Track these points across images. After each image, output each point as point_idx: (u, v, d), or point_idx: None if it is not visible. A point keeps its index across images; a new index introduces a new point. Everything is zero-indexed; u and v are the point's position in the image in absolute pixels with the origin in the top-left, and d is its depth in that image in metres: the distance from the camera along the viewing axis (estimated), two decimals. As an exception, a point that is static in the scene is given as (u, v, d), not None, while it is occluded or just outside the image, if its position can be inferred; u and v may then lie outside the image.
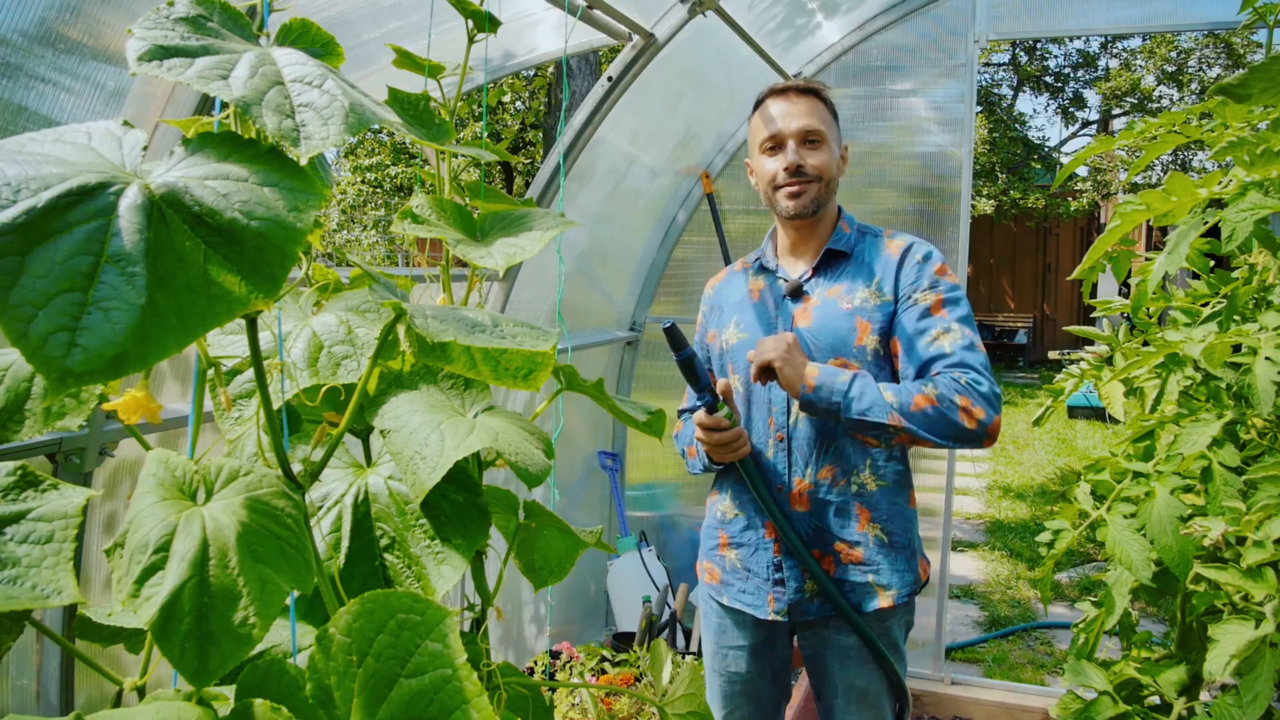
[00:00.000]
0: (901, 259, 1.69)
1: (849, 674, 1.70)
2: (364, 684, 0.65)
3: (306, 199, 0.63)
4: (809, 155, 1.69)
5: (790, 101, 1.72)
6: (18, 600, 0.54)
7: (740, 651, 1.79)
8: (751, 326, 1.77)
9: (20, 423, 0.82)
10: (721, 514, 1.81)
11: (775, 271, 1.79)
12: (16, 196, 0.55)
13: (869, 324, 1.66)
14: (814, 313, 1.70)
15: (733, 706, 1.83)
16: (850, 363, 1.66)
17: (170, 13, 0.71)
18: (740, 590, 1.76)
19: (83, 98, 1.19)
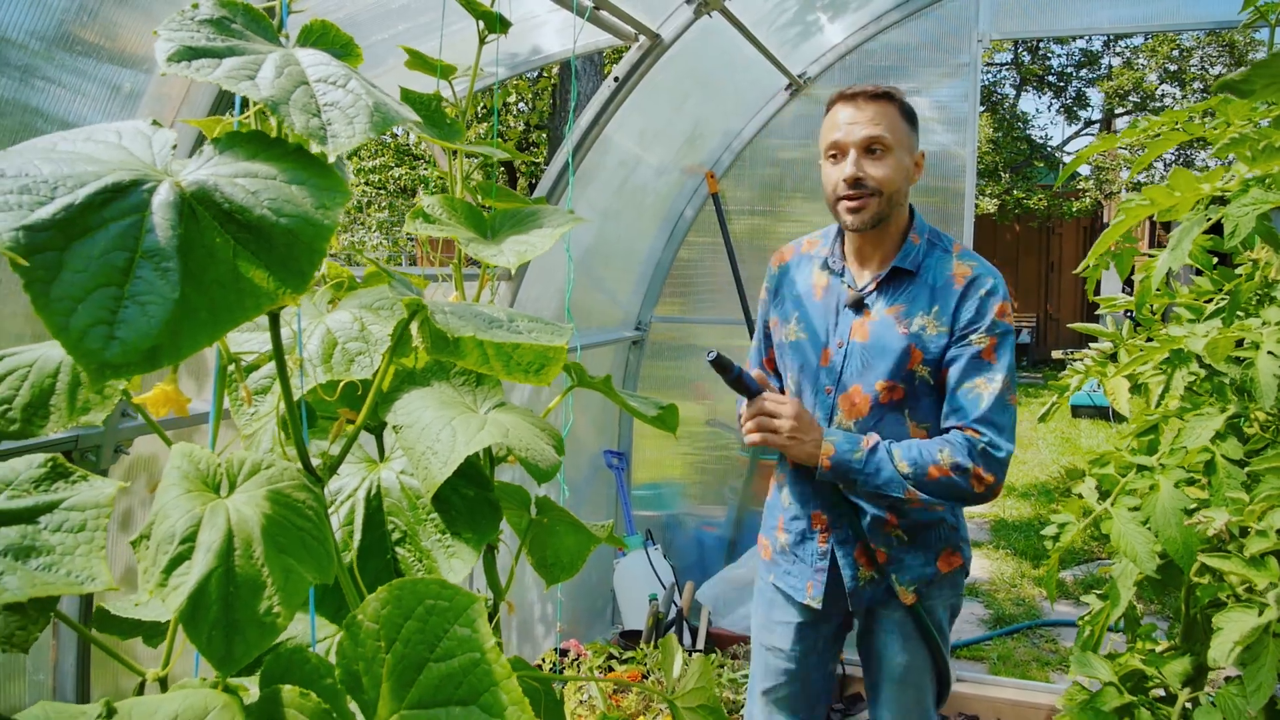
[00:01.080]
0: (965, 289, 1.67)
1: (893, 653, 1.77)
2: (392, 668, 0.66)
3: (333, 196, 0.65)
4: (871, 166, 1.65)
5: (857, 108, 1.66)
6: (53, 586, 0.55)
7: (786, 628, 1.83)
8: (810, 329, 1.77)
9: (45, 418, 0.83)
10: (781, 499, 1.86)
11: (841, 275, 1.77)
12: (54, 194, 0.57)
13: (921, 353, 1.66)
14: (871, 329, 1.70)
15: (775, 683, 1.86)
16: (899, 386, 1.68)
17: (195, 15, 0.72)
18: (785, 572, 1.83)
19: (99, 99, 1.21)
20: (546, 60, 2.42)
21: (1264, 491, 0.91)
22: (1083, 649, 1.26)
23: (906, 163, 1.69)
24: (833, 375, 1.73)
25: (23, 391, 0.82)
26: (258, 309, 0.64)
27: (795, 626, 1.83)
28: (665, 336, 3.60)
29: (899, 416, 1.70)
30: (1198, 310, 1.38)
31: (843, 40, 3.15)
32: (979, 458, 1.60)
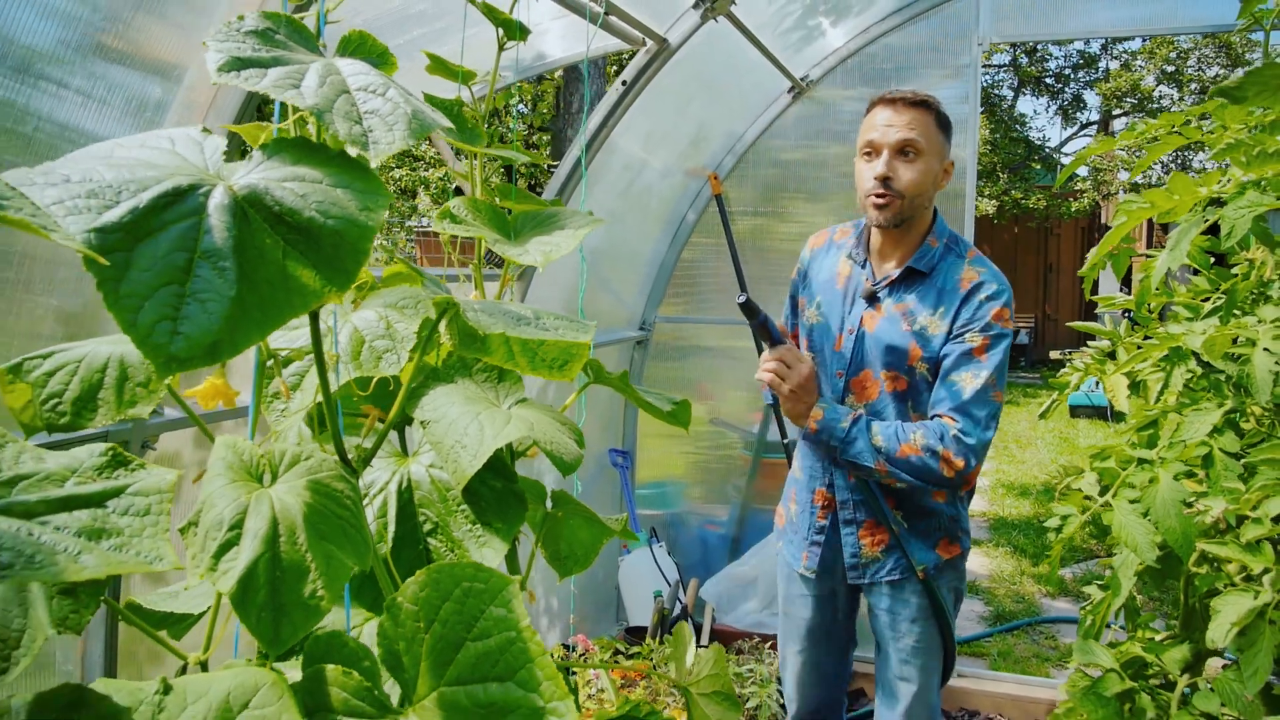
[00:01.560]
0: (969, 294, 1.76)
1: (897, 631, 1.89)
2: (431, 648, 0.70)
3: (376, 199, 0.69)
4: (902, 168, 1.75)
5: (896, 111, 1.75)
6: (125, 565, 0.59)
7: (804, 599, 1.99)
8: (829, 312, 1.89)
9: (94, 411, 0.87)
10: (794, 473, 2.01)
11: (863, 265, 1.88)
12: (119, 198, 0.60)
13: (921, 350, 1.77)
14: (879, 323, 1.82)
15: (800, 646, 2.03)
16: (902, 377, 1.80)
17: (241, 26, 0.76)
18: (788, 541, 2.00)
19: (128, 106, 1.24)
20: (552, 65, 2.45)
21: (1259, 482, 0.95)
22: (1084, 638, 1.30)
23: (935, 168, 1.79)
24: (843, 360, 1.85)
25: (72, 386, 0.86)
26: (305, 306, 0.68)
27: (813, 598, 1.97)
28: (668, 336, 3.64)
29: (904, 406, 1.81)
30: (1195, 309, 1.42)
31: (844, 44, 3.19)
32: (950, 442, 1.70)
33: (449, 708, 0.68)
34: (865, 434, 1.74)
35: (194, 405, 0.98)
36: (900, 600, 1.88)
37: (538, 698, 0.65)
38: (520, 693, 0.66)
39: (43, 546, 0.56)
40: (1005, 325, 1.76)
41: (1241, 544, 0.92)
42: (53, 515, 0.60)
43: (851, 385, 1.85)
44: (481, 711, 0.67)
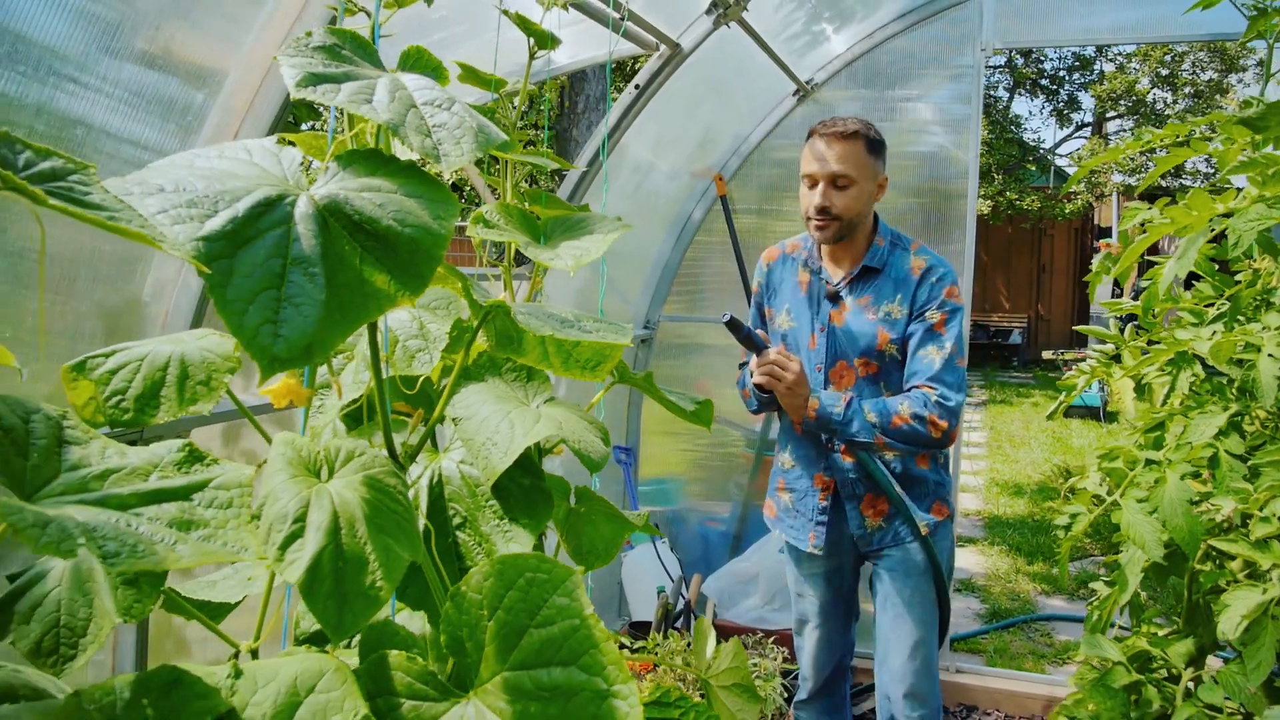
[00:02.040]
0: (921, 278, 2.03)
1: (899, 588, 2.09)
2: (495, 634, 0.74)
3: (447, 208, 0.72)
4: (836, 197, 1.99)
5: (829, 145, 1.98)
6: (215, 554, 0.62)
7: (815, 579, 2.21)
8: (799, 316, 2.14)
9: (156, 408, 0.91)
10: (781, 464, 2.23)
11: (819, 273, 2.12)
12: (216, 207, 0.64)
13: (889, 334, 2.03)
14: (846, 317, 2.07)
15: (816, 623, 2.23)
16: (873, 362, 2.06)
17: (310, 42, 0.79)
18: (789, 526, 2.20)
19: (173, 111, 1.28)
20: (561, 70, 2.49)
21: (1266, 482, 0.99)
22: (1091, 632, 1.35)
23: (869, 189, 2.03)
24: (820, 355, 2.09)
25: (135, 383, 0.90)
26: (379, 310, 0.71)
27: (821, 576, 2.19)
28: (671, 335, 3.68)
29: (876, 389, 2.05)
30: (1199, 315, 1.46)
31: (848, 48, 3.23)
32: (933, 408, 1.94)
33: (513, 691, 0.72)
34: (860, 414, 1.97)
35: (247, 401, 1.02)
36: (903, 562, 2.09)
37: (601, 681, 0.69)
38: (584, 677, 0.70)
39: (142, 537, 0.59)
40: (957, 300, 2.03)
41: (1250, 541, 0.97)
42: (145, 508, 0.63)
43: (830, 376, 2.09)
44: (545, 694, 0.71)
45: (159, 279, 1.32)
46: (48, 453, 0.63)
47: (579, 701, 0.69)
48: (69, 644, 0.84)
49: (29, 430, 0.63)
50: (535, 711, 0.71)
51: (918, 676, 2.09)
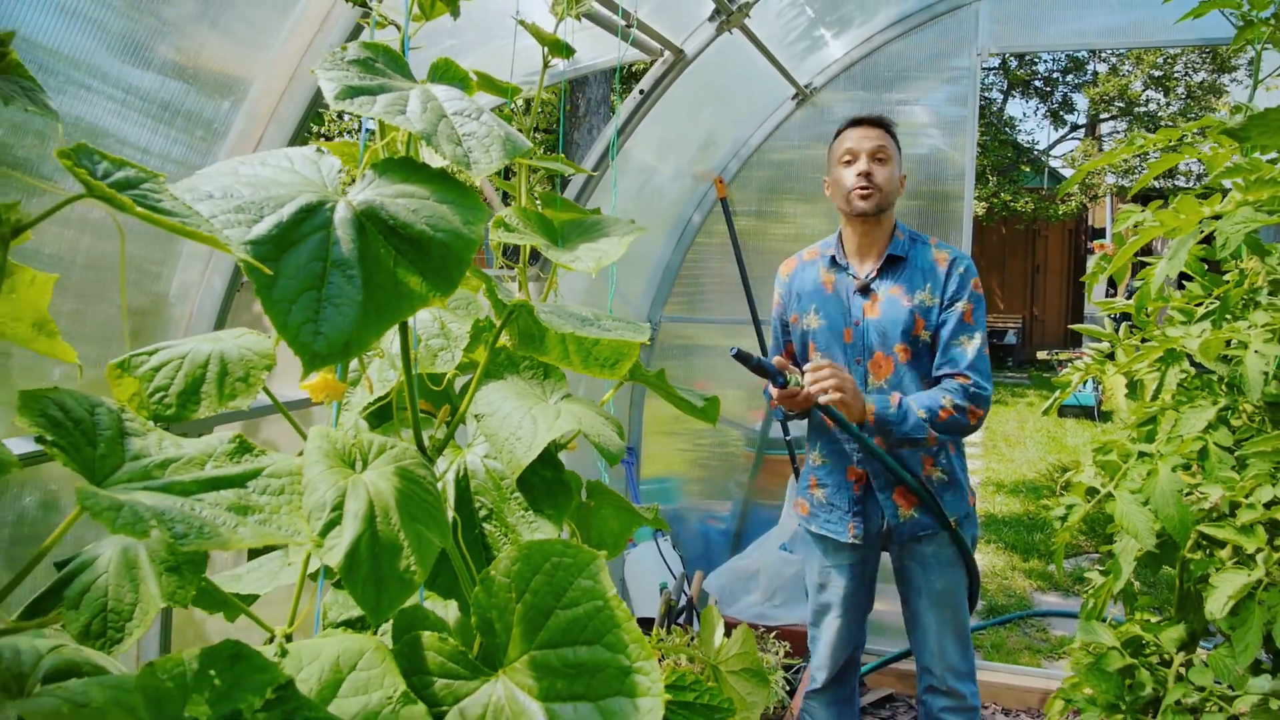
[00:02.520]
0: (949, 270, 2.15)
1: (930, 578, 2.20)
2: (522, 616, 0.78)
3: (477, 214, 0.77)
4: (878, 168, 2.15)
5: (866, 128, 2.18)
6: (272, 536, 0.67)
7: (840, 569, 2.29)
8: (829, 315, 2.22)
9: (197, 403, 0.95)
10: (813, 461, 2.31)
11: (846, 268, 2.21)
12: (262, 213, 0.68)
13: (924, 320, 2.13)
14: (880, 307, 2.16)
15: (837, 614, 2.32)
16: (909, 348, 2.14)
17: (345, 56, 0.83)
18: (825, 520, 2.27)
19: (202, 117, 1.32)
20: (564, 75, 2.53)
21: (1251, 472, 1.04)
22: (1087, 619, 1.39)
23: (897, 174, 2.19)
24: (857, 348, 2.17)
25: (177, 380, 0.94)
26: (411, 310, 0.76)
27: (846, 568, 2.28)
28: (672, 336, 3.72)
29: (915, 375, 2.15)
30: (1189, 313, 1.51)
31: (845, 53, 3.28)
32: (971, 397, 2.07)
33: (540, 668, 0.76)
34: (911, 410, 2.05)
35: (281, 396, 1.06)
36: (935, 553, 2.19)
37: (624, 658, 0.73)
38: (608, 654, 0.74)
39: (206, 521, 0.64)
40: (980, 290, 2.18)
41: (1237, 527, 1.01)
42: (205, 494, 0.68)
43: (869, 368, 2.17)
44: (571, 671, 0.75)
45: (184, 282, 1.37)
46: (113, 443, 0.68)
47: (603, 678, 0.74)
48: (115, 628, 0.88)
49: (95, 422, 0.68)
50: (561, 688, 0.75)
51: (957, 653, 2.22)
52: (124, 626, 0.88)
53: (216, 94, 1.28)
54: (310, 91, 1.34)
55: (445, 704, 0.81)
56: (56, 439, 0.63)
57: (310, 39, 1.31)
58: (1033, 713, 3.16)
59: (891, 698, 3.27)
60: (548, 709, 0.75)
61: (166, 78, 1.23)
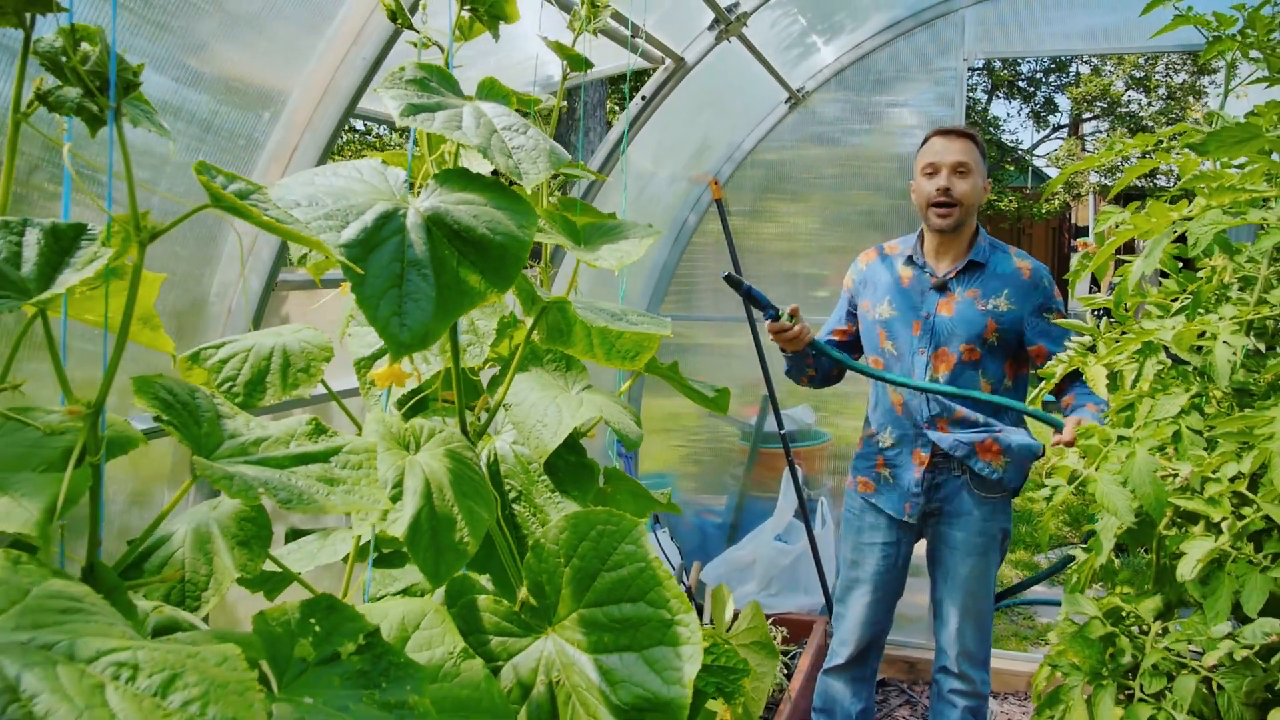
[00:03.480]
0: (1033, 279, 2.26)
1: (958, 564, 2.30)
2: (570, 579, 0.87)
3: (529, 219, 0.86)
4: (957, 182, 2.23)
5: (949, 140, 2.25)
6: (358, 504, 0.75)
7: (874, 548, 2.40)
8: (902, 307, 2.33)
9: (263, 392, 1.04)
10: (880, 442, 2.40)
11: (923, 267, 2.32)
12: (347, 219, 0.77)
13: (995, 324, 2.23)
14: (955, 306, 2.27)
15: (863, 591, 2.42)
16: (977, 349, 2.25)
17: (403, 76, 0.92)
18: (886, 498, 2.38)
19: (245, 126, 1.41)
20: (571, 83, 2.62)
21: (1219, 450, 1.14)
22: (1071, 592, 1.50)
23: (980, 184, 2.28)
24: (924, 340, 2.28)
25: (244, 371, 1.03)
26: (472, 305, 0.85)
27: (880, 546, 2.39)
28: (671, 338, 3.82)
29: (975, 374, 2.25)
30: (1166, 308, 1.62)
31: (837, 59, 3.39)
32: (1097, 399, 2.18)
33: (588, 624, 0.85)
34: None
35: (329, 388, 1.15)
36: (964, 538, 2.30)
37: (666, 612, 0.82)
38: (650, 609, 0.83)
39: (303, 489, 0.72)
40: (1060, 297, 2.30)
41: (1205, 498, 1.12)
42: (296, 468, 0.76)
43: (932, 360, 2.28)
44: (617, 626, 0.84)
45: (223, 282, 1.45)
46: (212, 423, 0.76)
47: (647, 629, 0.83)
48: (193, 596, 0.97)
49: (196, 405, 0.76)
50: (608, 641, 0.84)
51: (974, 639, 2.33)
52: (200, 595, 0.97)
53: (258, 106, 1.37)
54: (343, 103, 1.42)
55: (500, 659, 0.90)
56: (170, 418, 0.72)
57: (344, 53, 1.40)
58: (1020, 695, 3.27)
59: (884, 683, 3.38)
60: (596, 660, 0.84)
61: (214, 93, 1.31)
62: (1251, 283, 1.39)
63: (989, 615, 2.37)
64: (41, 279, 0.63)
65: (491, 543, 1.12)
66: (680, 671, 0.80)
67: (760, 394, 3.61)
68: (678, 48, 2.39)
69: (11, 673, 0.43)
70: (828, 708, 2.53)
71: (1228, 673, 1.26)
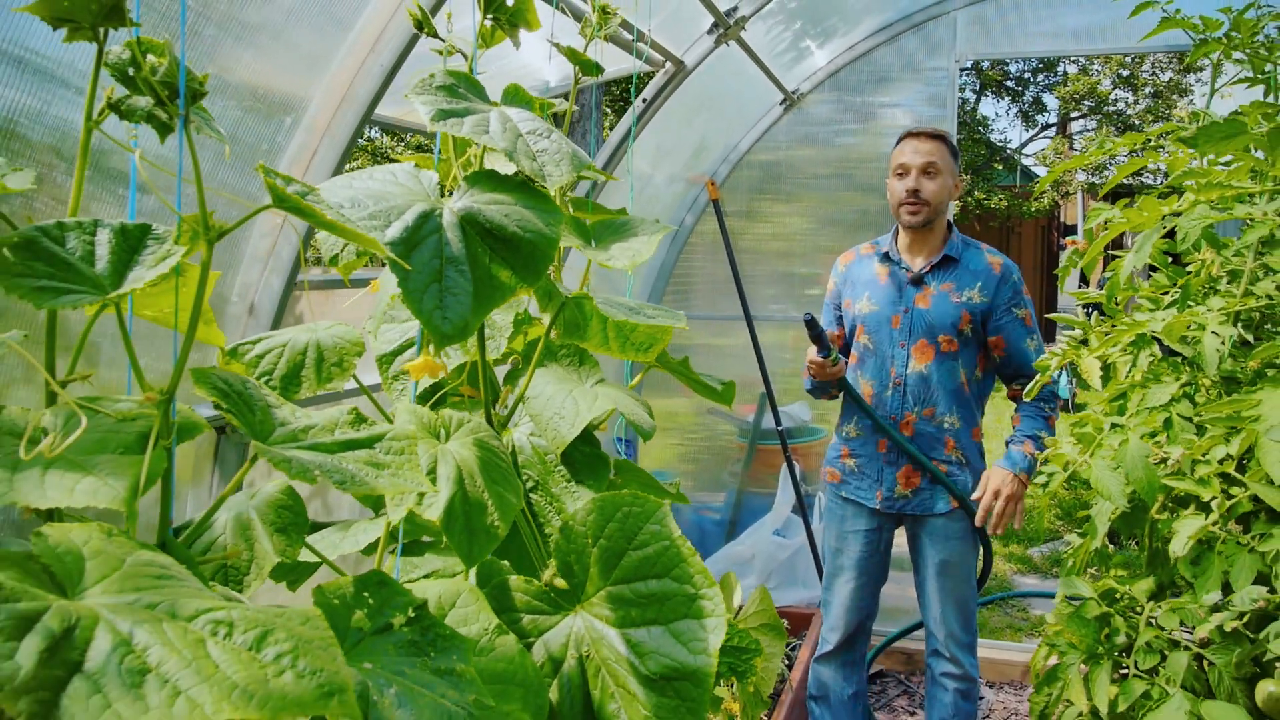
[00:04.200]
0: (1003, 275, 2.36)
1: (939, 550, 2.39)
2: (598, 558, 0.92)
3: (556, 217, 0.91)
4: (926, 183, 2.32)
5: (920, 141, 2.34)
6: (404, 487, 0.80)
7: (856, 535, 2.48)
8: (880, 301, 2.42)
9: (298, 386, 1.08)
10: (847, 434, 2.50)
11: (899, 263, 2.41)
12: (389, 219, 0.82)
13: (970, 315, 2.34)
14: (931, 299, 2.37)
15: (850, 576, 2.50)
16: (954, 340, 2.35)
17: (432, 83, 0.97)
18: (855, 487, 2.48)
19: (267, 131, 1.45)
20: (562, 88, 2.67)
21: (1208, 434, 1.20)
22: (1068, 574, 1.55)
23: (950, 184, 2.37)
24: (903, 333, 2.38)
25: (280, 365, 1.07)
26: (503, 298, 0.90)
27: (863, 533, 2.47)
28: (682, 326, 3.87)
29: (953, 365, 2.36)
30: (1156, 301, 1.68)
31: (830, 61, 3.44)
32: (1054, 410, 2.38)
33: (615, 600, 0.90)
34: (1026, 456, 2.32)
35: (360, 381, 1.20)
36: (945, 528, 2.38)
37: (690, 587, 0.87)
38: (675, 585, 0.88)
39: (353, 473, 0.77)
40: (1029, 295, 2.41)
41: (1195, 479, 1.17)
42: (345, 453, 0.81)
43: (912, 352, 2.37)
44: (644, 601, 0.89)
45: (244, 282, 1.49)
46: (264, 411, 0.81)
47: (672, 604, 0.88)
48: (235, 581, 1.01)
49: (249, 394, 0.81)
50: (635, 615, 0.89)
51: (958, 623, 2.42)
52: (242, 580, 1.01)
53: (280, 112, 1.41)
54: (361, 109, 1.47)
55: (531, 636, 0.94)
56: (229, 406, 0.76)
57: (362, 60, 1.44)
58: (1016, 684, 3.33)
59: (882, 673, 3.43)
60: (624, 634, 0.88)
61: (239, 100, 1.36)
62: (1238, 275, 1.45)
63: (972, 599, 2.45)
64: (114, 275, 0.67)
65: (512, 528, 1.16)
66: (705, 642, 0.85)
67: (758, 392, 3.66)
68: (678, 51, 2.44)
69: (124, 629, 0.48)
70: (821, 694, 2.60)
71: (1218, 648, 1.31)
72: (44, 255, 0.65)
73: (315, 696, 0.47)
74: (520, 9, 1.09)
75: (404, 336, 1.28)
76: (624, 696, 0.87)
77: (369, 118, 1.51)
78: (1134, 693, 1.34)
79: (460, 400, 1.31)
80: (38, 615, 0.46)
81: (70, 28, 0.64)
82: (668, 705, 0.84)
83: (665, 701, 0.85)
